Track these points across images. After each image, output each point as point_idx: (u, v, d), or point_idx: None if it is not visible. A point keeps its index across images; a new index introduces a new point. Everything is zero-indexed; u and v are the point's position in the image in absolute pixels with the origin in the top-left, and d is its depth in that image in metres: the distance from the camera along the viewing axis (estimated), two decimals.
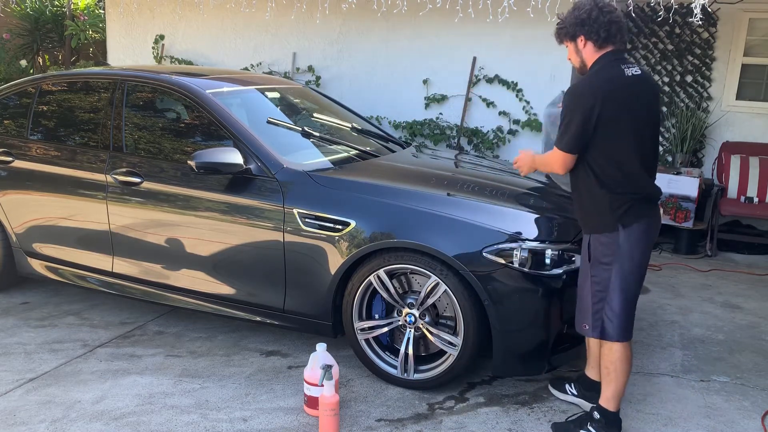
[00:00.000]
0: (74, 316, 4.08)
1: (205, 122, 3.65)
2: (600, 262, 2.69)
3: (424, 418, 3.02)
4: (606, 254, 2.67)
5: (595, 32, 2.61)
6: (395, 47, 6.26)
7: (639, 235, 2.64)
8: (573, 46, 2.72)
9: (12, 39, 9.05)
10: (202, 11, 6.80)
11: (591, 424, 2.86)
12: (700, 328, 4.19)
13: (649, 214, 2.70)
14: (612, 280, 2.66)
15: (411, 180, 3.50)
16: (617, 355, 2.75)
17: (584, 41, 2.66)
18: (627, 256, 2.64)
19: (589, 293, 2.73)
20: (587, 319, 2.75)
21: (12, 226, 4.15)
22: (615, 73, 2.61)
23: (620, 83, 2.59)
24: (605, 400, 2.83)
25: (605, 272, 2.68)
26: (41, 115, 4.18)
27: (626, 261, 2.65)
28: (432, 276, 3.05)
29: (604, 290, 2.69)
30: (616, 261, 2.65)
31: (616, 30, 2.61)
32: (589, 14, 2.60)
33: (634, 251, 2.65)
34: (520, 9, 5.33)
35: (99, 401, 3.09)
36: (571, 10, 2.68)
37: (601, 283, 2.69)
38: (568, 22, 2.68)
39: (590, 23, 2.61)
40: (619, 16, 2.63)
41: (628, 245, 2.64)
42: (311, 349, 3.10)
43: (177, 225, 3.58)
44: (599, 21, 2.59)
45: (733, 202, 6.03)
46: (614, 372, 2.77)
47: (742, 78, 6.38)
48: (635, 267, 2.68)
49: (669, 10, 5.91)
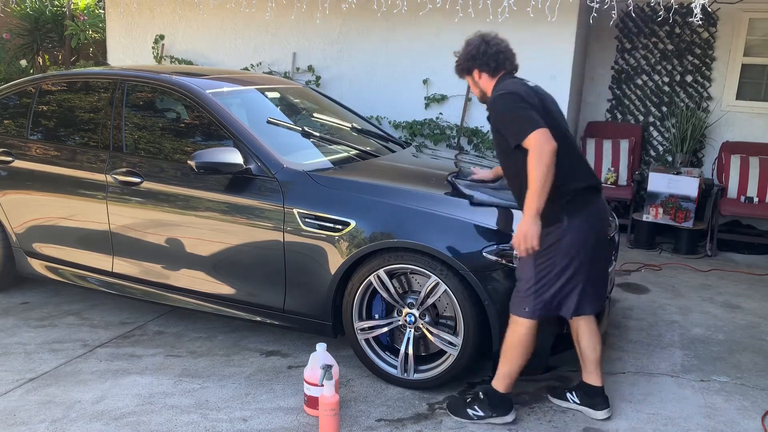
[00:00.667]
0: (74, 316, 4.09)
1: (205, 122, 3.65)
2: (544, 252, 2.76)
3: (424, 418, 3.02)
4: (550, 245, 2.75)
5: (485, 64, 2.91)
6: (395, 47, 6.26)
7: (581, 223, 2.77)
8: (471, 80, 3.00)
9: (12, 39, 9.04)
10: (202, 11, 6.80)
11: (475, 403, 2.95)
12: (700, 328, 4.19)
13: (594, 202, 2.84)
14: (555, 269, 2.77)
15: (411, 180, 3.50)
16: (519, 337, 2.83)
17: (479, 73, 2.95)
18: (571, 245, 2.75)
19: (532, 281, 2.79)
20: (529, 303, 2.81)
21: (12, 226, 4.15)
22: (520, 82, 2.86)
23: (531, 87, 2.84)
24: (496, 379, 2.92)
25: (549, 260, 2.77)
26: (41, 115, 4.18)
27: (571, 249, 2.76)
28: (432, 276, 3.05)
29: (547, 277, 2.78)
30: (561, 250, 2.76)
31: (504, 58, 2.91)
32: (477, 49, 2.91)
33: (579, 238, 2.76)
34: (520, 9, 5.33)
35: (99, 401, 3.09)
36: (464, 48, 2.98)
37: (543, 272, 2.78)
38: (462, 59, 2.98)
39: (480, 57, 2.91)
40: (505, 46, 2.93)
41: (571, 234, 2.75)
42: (311, 349, 3.10)
43: (177, 225, 3.58)
44: (488, 53, 2.90)
45: (733, 202, 6.03)
46: (511, 353, 2.86)
47: (742, 78, 6.38)
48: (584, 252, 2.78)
49: (669, 10, 5.92)
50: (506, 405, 2.96)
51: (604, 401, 3.05)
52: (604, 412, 3.03)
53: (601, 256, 2.96)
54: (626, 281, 5.07)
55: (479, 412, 2.94)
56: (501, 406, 2.94)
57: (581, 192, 2.80)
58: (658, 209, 5.91)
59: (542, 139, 2.63)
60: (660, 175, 5.93)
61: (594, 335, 3.01)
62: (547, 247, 2.75)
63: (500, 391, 2.93)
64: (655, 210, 5.92)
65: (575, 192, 2.78)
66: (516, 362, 2.88)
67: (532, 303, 2.80)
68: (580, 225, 2.77)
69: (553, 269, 2.77)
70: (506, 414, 2.95)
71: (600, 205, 2.91)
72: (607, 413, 3.03)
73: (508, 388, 2.94)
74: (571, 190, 2.76)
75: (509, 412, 2.96)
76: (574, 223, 2.76)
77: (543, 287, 2.79)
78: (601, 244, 2.93)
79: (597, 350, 3.02)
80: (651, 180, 5.95)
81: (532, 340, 2.85)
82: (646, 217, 5.97)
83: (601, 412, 3.03)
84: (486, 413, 2.94)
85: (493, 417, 2.94)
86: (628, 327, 4.17)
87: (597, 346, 3.02)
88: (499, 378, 2.93)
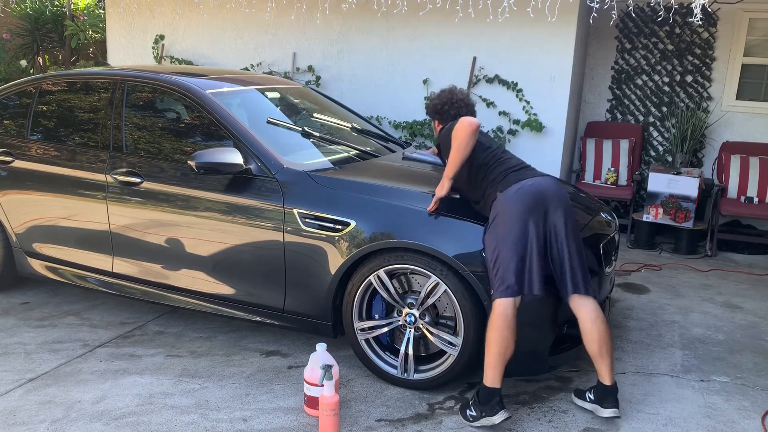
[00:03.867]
0: (74, 316, 4.09)
1: (205, 122, 3.65)
2: (487, 229, 2.96)
3: (424, 418, 3.02)
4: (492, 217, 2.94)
5: (444, 120, 3.43)
6: (395, 47, 6.26)
7: (512, 195, 2.90)
8: (435, 124, 3.53)
9: (12, 39, 9.04)
10: (202, 11, 6.80)
11: (472, 403, 2.95)
12: (700, 328, 4.19)
13: (524, 178, 2.98)
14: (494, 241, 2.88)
15: (411, 180, 3.51)
16: (490, 323, 2.84)
17: (439, 124, 3.49)
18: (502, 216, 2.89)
19: (490, 257, 2.90)
20: (494, 283, 2.88)
21: (12, 226, 4.15)
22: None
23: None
24: (484, 375, 2.90)
25: (490, 236, 2.91)
26: (41, 115, 4.18)
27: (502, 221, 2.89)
28: (432, 276, 3.05)
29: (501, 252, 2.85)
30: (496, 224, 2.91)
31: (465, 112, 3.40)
32: (441, 107, 3.43)
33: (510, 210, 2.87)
34: (520, 9, 5.33)
35: (99, 401, 3.10)
36: (435, 96, 3.50)
37: (490, 246, 2.90)
38: (430, 108, 3.51)
39: (442, 113, 3.44)
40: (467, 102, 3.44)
41: (506, 204, 2.89)
42: (311, 349, 3.10)
43: (177, 225, 3.58)
44: (449, 113, 3.40)
45: (733, 202, 6.03)
46: (488, 340, 2.86)
47: (742, 78, 6.38)
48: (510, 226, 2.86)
49: (669, 10, 5.92)
50: (494, 402, 2.85)
51: (614, 401, 2.96)
52: (610, 411, 2.94)
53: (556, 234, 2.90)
54: (626, 281, 5.07)
55: (473, 411, 2.92)
56: (488, 403, 2.85)
57: (513, 170, 3.04)
58: (658, 209, 5.91)
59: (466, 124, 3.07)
60: (660, 175, 5.93)
61: (590, 328, 2.90)
62: (491, 222, 2.92)
63: (488, 386, 2.86)
64: (655, 210, 5.92)
65: (506, 171, 3.03)
66: (493, 349, 2.82)
67: (497, 283, 2.84)
68: (514, 195, 2.89)
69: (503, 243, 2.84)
70: (493, 414, 2.84)
71: (537, 181, 2.96)
72: (613, 413, 2.94)
73: (495, 381, 2.85)
74: (502, 171, 3.04)
75: (496, 412, 2.84)
76: (508, 194, 2.91)
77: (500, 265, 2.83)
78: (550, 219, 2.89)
79: (596, 344, 2.91)
80: (651, 180, 5.95)
81: (505, 325, 2.80)
82: (646, 217, 5.98)
83: (607, 410, 2.95)
84: (477, 413, 2.89)
85: (483, 417, 2.87)
86: (628, 327, 4.17)
87: (597, 340, 2.90)
88: (485, 372, 2.88)
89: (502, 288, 2.82)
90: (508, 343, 2.82)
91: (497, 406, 2.86)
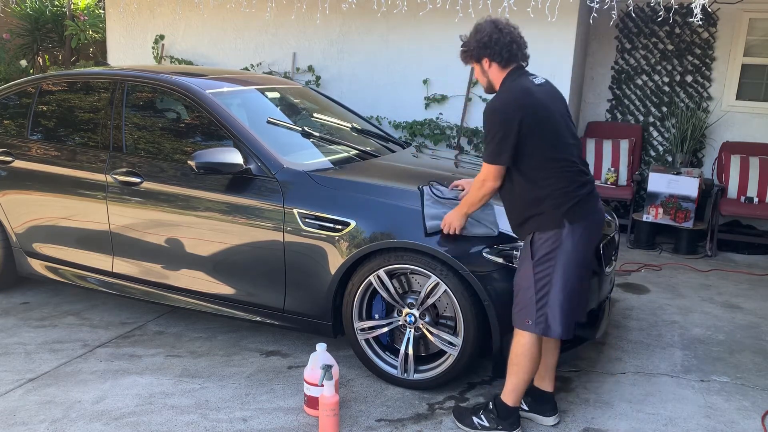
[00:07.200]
0: (74, 316, 4.09)
1: (205, 122, 3.65)
2: (543, 258, 2.68)
3: (424, 418, 3.02)
4: (549, 251, 2.67)
5: (498, 54, 2.72)
6: (395, 47, 6.26)
7: (582, 231, 2.68)
8: (479, 68, 2.82)
9: (12, 39, 9.04)
10: (202, 11, 6.80)
11: (483, 413, 2.89)
12: (700, 328, 4.19)
13: (593, 211, 2.75)
14: (554, 276, 2.67)
15: (411, 180, 3.50)
16: (523, 349, 2.75)
17: (489, 62, 2.77)
18: (570, 253, 2.67)
19: (532, 290, 2.71)
20: (530, 315, 2.72)
21: (12, 226, 4.15)
22: (527, 84, 2.72)
23: (534, 92, 2.69)
24: (504, 393, 2.85)
25: (548, 268, 2.68)
26: (41, 115, 4.18)
27: (569, 257, 2.67)
28: (432, 276, 3.05)
29: (547, 286, 2.68)
30: (560, 257, 2.66)
31: (517, 48, 2.74)
32: (490, 37, 2.71)
33: (578, 247, 2.68)
34: (520, 9, 5.33)
35: (99, 401, 3.09)
36: (473, 33, 2.79)
37: (543, 280, 2.68)
38: (472, 46, 2.78)
39: (492, 46, 2.72)
40: (518, 34, 2.77)
41: (571, 241, 2.66)
42: (311, 349, 3.10)
43: (177, 225, 3.58)
44: (501, 43, 2.71)
45: (733, 202, 6.03)
46: (517, 365, 2.78)
47: (742, 78, 6.38)
48: (577, 263, 2.70)
49: (669, 10, 5.92)
50: (513, 419, 2.87)
51: (554, 407, 3.01)
52: (554, 419, 2.99)
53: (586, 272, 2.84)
54: (626, 281, 5.07)
55: (484, 422, 2.87)
56: (508, 419, 2.85)
57: (585, 198, 2.71)
58: (658, 209, 5.91)
59: (491, 175, 2.70)
60: (660, 175, 5.93)
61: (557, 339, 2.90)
62: (546, 253, 2.67)
63: (509, 405, 2.85)
64: (655, 210, 5.92)
65: (580, 198, 2.68)
66: (523, 375, 2.78)
67: (534, 315, 2.70)
68: (584, 234, 2.69)
69: (552, 278, 2.67)
70: (512, 429, 2.86)
71: (600, 214, 2.83)
72: (557, 419, 3.00)
73: (517, 401, 2.86)
74: (576, 196, 2.67)
75: (516, 428, 2.86)
76: (576, 230, 2.67)
77: (543, 297, 2.68)
78: (589, 258, 2.83)
79: (556, 354, 2.97)
80: (651, 180, 5.95)
81: (537, 351, 2.77)
82: (646, 217, 5.98)
83: (551, 418, 2.99)
84: (491, 425, 2.86)
85: (499, 430, 2.86)
86: (628, 327, 4.17)
87: (557, 350, 2.96)
88: (507, 392, 2.84)
89: (543, 327, 2.70)
90: (536, 368, 2.82)
91: (516, 423, 2.87)
